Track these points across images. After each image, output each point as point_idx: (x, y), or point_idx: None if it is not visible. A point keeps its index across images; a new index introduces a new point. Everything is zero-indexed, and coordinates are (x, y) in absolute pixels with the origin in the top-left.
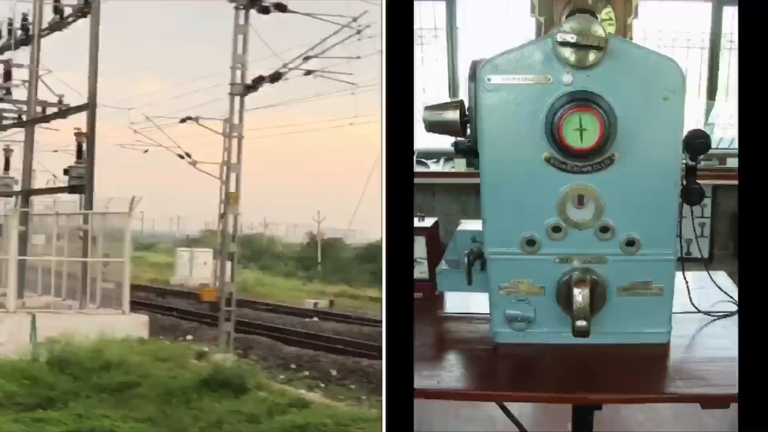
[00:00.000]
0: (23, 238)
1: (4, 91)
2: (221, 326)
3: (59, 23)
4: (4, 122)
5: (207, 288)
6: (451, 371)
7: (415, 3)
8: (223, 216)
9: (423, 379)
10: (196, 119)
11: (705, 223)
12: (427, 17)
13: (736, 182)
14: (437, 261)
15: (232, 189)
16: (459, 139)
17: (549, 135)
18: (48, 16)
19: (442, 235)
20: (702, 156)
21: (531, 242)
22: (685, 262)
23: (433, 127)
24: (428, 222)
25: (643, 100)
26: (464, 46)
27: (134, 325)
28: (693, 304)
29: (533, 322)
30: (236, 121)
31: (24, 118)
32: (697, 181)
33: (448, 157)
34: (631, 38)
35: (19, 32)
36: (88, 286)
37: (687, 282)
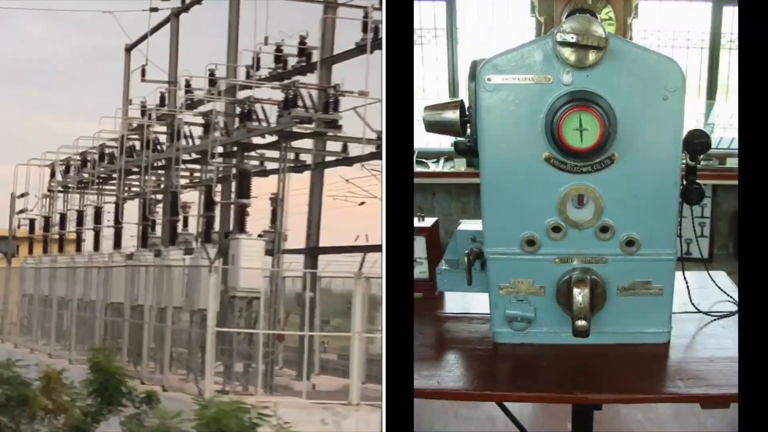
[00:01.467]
0: (311, 306)
1: (326, 124)
2: None
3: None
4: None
5: None
6: (451, 371)
7: (415, 3)
8: None
9: (423, 379)
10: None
11: (705, 223)
12: (427, 17)
13: (736, 182)
14: (437, 261)
15: None
16: (459, 139)
17: (549, 135)
18: (343, 36)
19: (442, 235)
20: (702, 156)
21: (531, 242)
22: (685, 262)
23: (433, 127)
24: (428, 222)
25: (643, 100)
26: (464, 46)
27: None
28: (693, 304)
29: (533, 322)
30: None
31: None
32: (697, 181)
33: (448, 157)
34: (631, 38)
35: (294, 59)
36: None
37: (687, 282)
